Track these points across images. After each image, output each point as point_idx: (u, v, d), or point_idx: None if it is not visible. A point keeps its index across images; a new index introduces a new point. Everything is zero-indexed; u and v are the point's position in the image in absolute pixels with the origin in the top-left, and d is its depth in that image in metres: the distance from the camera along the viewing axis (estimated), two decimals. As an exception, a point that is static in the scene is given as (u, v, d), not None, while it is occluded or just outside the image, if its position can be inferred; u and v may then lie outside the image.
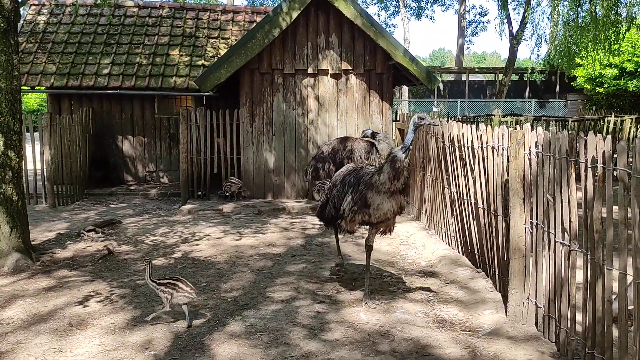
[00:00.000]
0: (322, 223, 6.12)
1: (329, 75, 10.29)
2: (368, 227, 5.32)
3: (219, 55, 12.38)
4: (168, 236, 7.79)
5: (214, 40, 13.39)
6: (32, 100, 32.05)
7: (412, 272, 6.32)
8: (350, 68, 10.26)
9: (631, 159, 3.30)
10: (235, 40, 12.88)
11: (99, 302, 5.23)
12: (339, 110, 10.39)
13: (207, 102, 12.46)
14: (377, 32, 9.90)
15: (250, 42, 9.70)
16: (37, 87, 12.20)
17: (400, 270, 6.41)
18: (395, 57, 9.96)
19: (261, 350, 4.20)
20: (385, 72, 10.38)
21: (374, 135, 8.83)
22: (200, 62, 12.57)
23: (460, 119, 16.60)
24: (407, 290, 5.59)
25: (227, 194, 10.16)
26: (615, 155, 3.49)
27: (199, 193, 10.49)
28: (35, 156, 10.34)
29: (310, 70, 10.18)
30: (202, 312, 4.97)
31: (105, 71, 12.18)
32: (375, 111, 10.45)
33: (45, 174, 10.10)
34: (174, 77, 12.19)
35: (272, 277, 5.94)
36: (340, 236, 6.28)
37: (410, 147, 4.87)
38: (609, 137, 3.64)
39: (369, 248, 5.41)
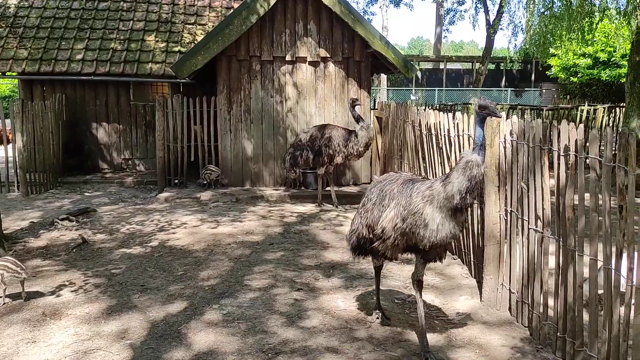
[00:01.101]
0: (353, 252, 4.43)
1: (307, 62, 10.23)
2: (414, 254, 4.07)
3: (195, 42, 12.20)
4: (144, 224, 7.71)
5: (190, 26, 13.19)
6: (4, 86, 31.26)
7: (390, 259, 6.36)
8: (328, 56, 10.22)
9: (602, 148, 3.36)
10: (213, 26, 12.69)
11: (73, 291, 5.16)
12: (317, 98, 10.36)
13: (184, 89, 12.30)
14: (355, 20, 9.87)
15: (227, 29, 9.58)
16: (8, 73, 11.89)
17: (377, 257, 6.45)
18: (373, 45, 9.95)
19: (239, 338, 4.21)
20: (363, 60, 10.37)
21: (358, 118, 8.60)
22: (176, 49, 12.38)
23: (437, 108, 16.71)
24: (384, 276, 5.63)
25: (205, 182, 10.08)
26: (587, 144, 3.55)
27: (176, 181, 10.39)
28: (6, 143, 10.11)
29: (288, 58, 10.11)
30: (179, 301, 4.95)
31: (79, 57, 11.92)
32: (354, 99, 10.43)
33: (17, 161, 9.88)
34: (150, 64, 11.99)
35: (250, 265, 5.94)
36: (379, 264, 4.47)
37: (485, 142, 3.72)
38: (582, 125, 3.71)
39: (418, 284, 4.01)
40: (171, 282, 5.43)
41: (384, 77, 30.38)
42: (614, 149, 3.42)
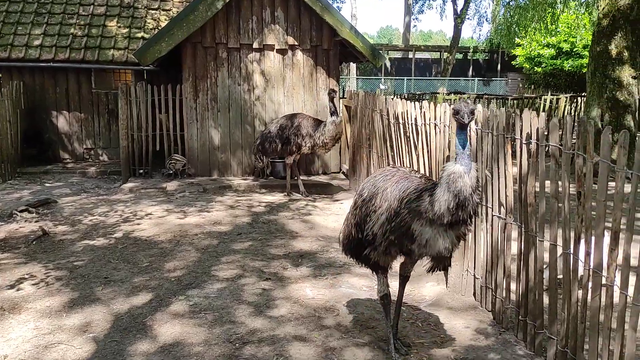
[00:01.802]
0: (345, 252, 4.04)
1: (275, 50, 10.13)
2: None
3: (159, 28, 11.93)
4: (108, 215, 7.55)
5: (154, 11, 12.89)
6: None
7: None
8: (296, 43, 10.14)
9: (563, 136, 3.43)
10: (177, 12, 12.43)
11: (34, 284, 5.02)
12: (285, 86, 10.28)
13: (149, 76, 12.04)
14: (323, 8, 9.81)
15: (192, 15, 9.40)
16: (-38, 59, 11.42)
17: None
18: (341, 33, 9.92)
19: (205, 329, 4.17)
20: (332, 48, 10.33)
21: (333, 112, 8.43)
22: (139, 35, 12.09)
23: (406, 97, 16.83)
24: (353, 264, 5.66)
25: (171, 171, 9.92)
26: (547, 132, 3.62)
27: (141, 171, 10.19)
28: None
29: (255, 45, 10.00)
30: (144, 292, 4.87)
31: (37, 42, 11.53)
32: (322, 87, 10.41)
33: (-27, 151, 9.53)
34: (112, 50, 11.69)
35: (217, 256, 5.88)
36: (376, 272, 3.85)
37: (469, 152, 3.24)
38: (543, 114, 3.78)
39: (403, 279, 3.95)
40: (136, 273, 5.34)
41: (353, 66, 30.40)
42: (573, 137, 3.49)
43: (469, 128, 3.36)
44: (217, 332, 4.11)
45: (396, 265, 3.89)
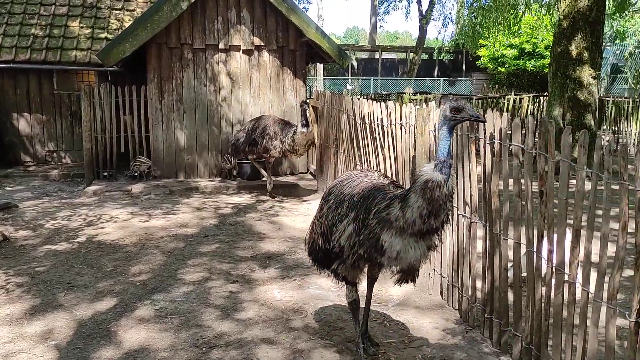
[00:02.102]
0: (313, 262, 3.88)
1: (241, 51, 10.06)
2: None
3: (123, 28, 11.70)
4: (71, 219, 7.36)
5: (117, 11, 12.63)
6: None
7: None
8: (262, 44, 10.08)
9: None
10: (141, 12, 12.21)
11: (-7, 292, 4.86)
12: (252, 87, 10.21)
13: (112, 77, 11.79)
14: (289, 8, 9.78)
15: (156, 15, 9.24)
16: None
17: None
18: (307, 34, 9.91)
19: (171, 333, 4.10)
20: (298, 48, 10.31)
21: (305, 124, 8.19)
22: (103, 35, 11.83)
23: (373, 97, 16.93)
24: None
25: (136, 174, 9.73)
26: (510, 132, 3.68)
27: (105, 174, 9.97)
28: None
29: (221, 46, 9.90)
30: (109, 297, 4.76)
31: (-5, 42, 11.17)
32: (289, 88, 10.39)
33: None
34: (75, 51, 11.40)
35: (183, 259, 5.79)
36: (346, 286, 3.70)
37: (451, 160, 3.07)
38: (506, 114, 3.84)
39: (371, 281, 3.84)
40: (100, 278, 5.22)
41: (320, 66, 30.44)
42: (536, 136, 3.57)
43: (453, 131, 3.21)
44: (184, 337, 4.05)
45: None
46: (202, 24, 9.77)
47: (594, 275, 2.98)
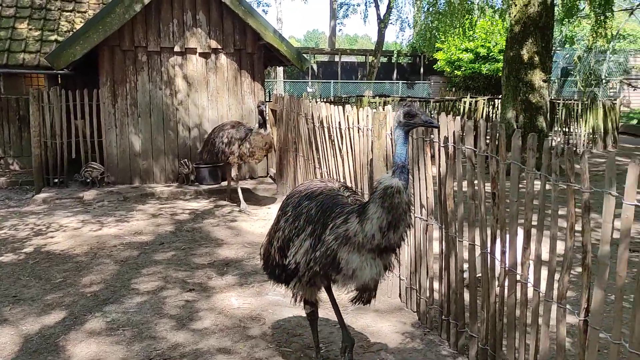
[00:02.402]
0: (269, 278, 3.67)
1: (197, 54, 9.89)
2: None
3: (74, 30, 11.34)
4: (18, 229, 7.06)
5: (68, 13, 12.24)
6: None
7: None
8: (220, 47, 9.95)
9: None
10: (93, 13, 11.86)
11: None
12: (209, 91, 10.06)
13: (63, 81, 11.42)
14: (246, 11, 9.69)
15: (109, 17, 8.99)
16: None
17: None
18: (265, 37, 9.83)
19: (124, 346, 3.96)
20: (256, 52, 10.22)
21: (262, 125, 7.90)
22: (53, 38, 11.44)
23: (332, 100, 16.97)
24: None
25: (88, 180, 9.42)
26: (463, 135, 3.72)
27: (56, 180, 9.62)
28: None
29: (177, 49, 9.71)
30: (57, 310, 4.56)
31: (-64, 44, 10.64)
32: (247, 91, 10.28)
33: None
34: (23, 54, 10.98)
35: (137, 268, 5.62)
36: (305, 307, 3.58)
37: (408, 166, 3.10)
38: (458, 118, 3.88)
39: (328, 288, 3.60)
40: (48, 290, 5.00)
41: (280, 69, 30.35)
42: (488, 139, 3.61)
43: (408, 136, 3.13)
44: (137, 349, 3.91)
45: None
46: (156, 27, 9.57)
47: (545, 274, 3.03)
